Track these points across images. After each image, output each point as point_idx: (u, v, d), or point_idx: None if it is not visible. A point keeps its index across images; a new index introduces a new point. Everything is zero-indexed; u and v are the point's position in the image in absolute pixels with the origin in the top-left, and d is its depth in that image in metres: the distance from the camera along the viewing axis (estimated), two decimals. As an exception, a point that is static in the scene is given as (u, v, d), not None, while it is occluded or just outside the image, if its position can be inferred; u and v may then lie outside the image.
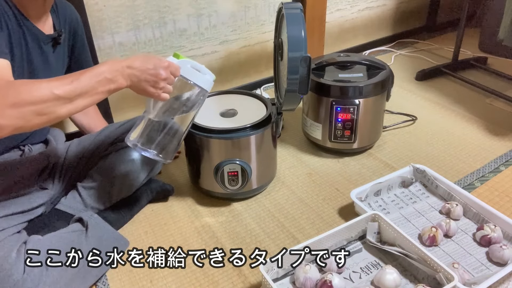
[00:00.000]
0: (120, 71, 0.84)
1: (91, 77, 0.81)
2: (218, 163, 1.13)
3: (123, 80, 0.85)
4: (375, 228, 1.04)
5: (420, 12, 2.40)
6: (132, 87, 0.87)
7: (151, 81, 0.87)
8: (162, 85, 0.88)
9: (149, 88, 0.88)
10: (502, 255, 0.97)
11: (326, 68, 1.40)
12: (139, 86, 0.87)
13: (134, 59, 0.86)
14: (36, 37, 0.96)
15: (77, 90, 0.79)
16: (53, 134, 1.16)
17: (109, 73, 0.83)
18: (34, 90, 0.75)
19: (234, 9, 1.69)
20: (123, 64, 0.84)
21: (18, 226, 0.96)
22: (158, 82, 0.87)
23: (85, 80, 0.80)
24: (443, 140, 1.49)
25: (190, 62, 0.93)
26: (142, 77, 0.86)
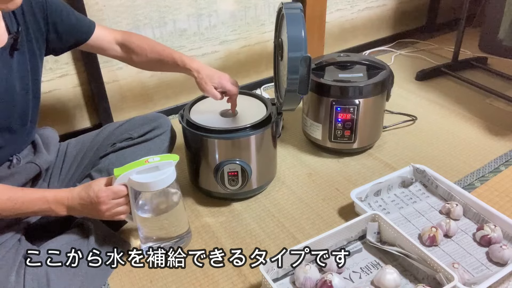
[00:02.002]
0: (64, 204, 0.90)
1: (35, 203, 0.87)
2: (218, 163, 1.13)
3: (64, 212, 0.91)
4: (375, 228, 1.04)
5: (420, 12, 2.40)
6: (76, 215, 0.95)
7: (93, 214, 0.92)
8: (106, 214, 0.91)
9: (95, 217, 0.94)
10: (502, 255, 0.97)
11: (326, 68, 1.40)
12: (82, 215, 0.95)
13: (76, 197, 0.90)
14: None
15: (16, 210, 0.86)
16: (44, 136, 1.08)
17: (53, 203, 0.89)
18: None
19: (234, 9, 1.69)
20: (67, 199, 0.90)
21: (16, 235, 0.93)
22: (100, 214, 0.91)
23: (27, 205, 0.87)
24: (443, 140, 1.49)
25: (132, 171, 0.91)
26: (84, 212, 0.92)
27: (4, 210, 0.85)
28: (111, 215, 0.92)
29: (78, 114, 1.53)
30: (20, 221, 0.96)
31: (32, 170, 0.99)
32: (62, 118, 1.50)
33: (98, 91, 1.49)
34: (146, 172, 0.93)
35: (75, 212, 0.92)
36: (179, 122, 1.18)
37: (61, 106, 1.48)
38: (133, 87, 1.58)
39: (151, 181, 0.92)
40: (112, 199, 0.90)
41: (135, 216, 0.98)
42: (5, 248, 0.88)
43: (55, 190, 0.91)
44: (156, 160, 0.93)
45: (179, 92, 1.69)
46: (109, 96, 1.53)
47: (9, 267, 0.85)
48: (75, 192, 0.90)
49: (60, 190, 0.91)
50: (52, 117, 1.46)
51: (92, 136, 1.15)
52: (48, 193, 0.89)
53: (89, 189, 0.90)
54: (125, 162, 1.08)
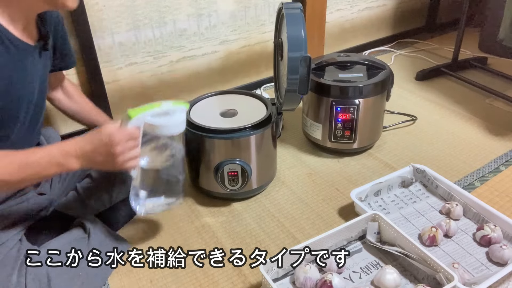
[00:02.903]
0: (73, 155, 0.82)
1: (41, 161, 0.80)
2: (218, 163, 1.13)
3: (75, 164, 0.82)
4: (375, 228, 1.04)
5: (420, 12, 2.40)
6: (88, 167, 0.86)
7: (107, 160, 0.84)
8: (120, 160, 0.84)
9: (108, 166, 0.85)
10: (502, 255, 0.97)
11: (326, 68, 1.40)
12: (95, 166, 0.86)
13: (85, 142, 0.82)
14: (25, 52, 0.86)
15: (25, 174, 0.79)
16: (46, 135, 1.10)
17: (61, 156, 0.81)
18: None
19: (234, 9, 1.69)
20: (75, 147, 0.82)
21: (18, 235, 0.93)
22: (115, 160, 0.83)
23: (34, 164, 0.79)
24: (443, 140, 1.49)
25: (147, 113, 0.86)
26: (96, 159, 0.83)
27: (10, 175, 0.78)
28: (125, 161, 0.84)
29: (78, 114, 1.53)
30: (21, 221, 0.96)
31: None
32: (63, 118, 1.50)
33: (98, 91, 1.49)
34: (159, 116, 0.87)
35: (87, 162, 0.84)
36: (179, 122, 1.17)
37: (61, 106, 1.48)
38: (133, 87, 1.58)
39: (168, 124, 0.87)
40: (126, 141, 0.83)
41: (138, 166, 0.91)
42: (7, 248, 0.88)
43: (59, 143, 0.85)
44: (169, 105, 0.88)
45: (179, 92, 1.69)
46: (109, 96, 1.53)
47: (11, 267, 0.85)
48: (82, 139, 0.83)
49: (65, 141, 0.84)
50: (52, 117, 1.46)
51: None
52: (52, 147, 0.83)
53: (99, 133, 0.83)
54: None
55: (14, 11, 0.81)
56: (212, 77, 1.75)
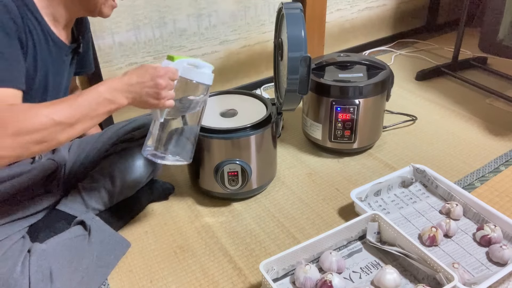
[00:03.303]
0: (119, 89, 0.82)
1: (90, 99, 0.79)
2: (218, 163, 1.13)
3: (123, 99, 0.83)
4: (375, 228, 1.04)
5: (420, 12, 2.40)
6: (134, 103, 0.85)
7: (152, 93, 0.85)
8: (163, 94, 0.86)
9: (152, 100, 0.86)
10: (502, 255, 0.97)
11: (326, 68, 1.40)
12: (141, 101, 0.86)
13: (130, 76, 0.83)
14: (60, 49, 0.94)
15: (77, 114, 0.77)
16: None
17: (108, 93, 0.81)
18: (33, 117, 0.73)
19: (234, 9, 1.69)
20: (121, 82, 0.82)
21: (22, 231, 0.96)
22: (159, 92, 0.85)
23: (84, 103, 0.78)
24: (443, 140, 1.49)
25: (185, 60, 0.91)
26: (143, 92, 0.84)
27: (65, 116, 0.76)
28: (166, 98, 0.86)
29: (78, 114, 1.53)
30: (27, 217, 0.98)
31: (50, 166, 1.03)
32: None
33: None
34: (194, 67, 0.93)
35: (133, 96, 0.84)
36: (179, 122, 1.18)
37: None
38: (133, 87, 1.58)
39: (203, 72, 0.92)
40: (168, 77, 0.86)
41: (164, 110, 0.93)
42: (11, 241, 0.91)
43: (104, 81, 0.84)
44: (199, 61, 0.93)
45: (179, 92, 1.69)
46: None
47: (16, 258, 0.87)
48: (126, 74, 0.84)
49: (110, 79, 0.84)
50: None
51: (96, 136, 1.16)
52: (98, 86, 0.82)
53: (144, 66, 0.85)
54: (127, 163, 1.09)
55: (58, 12, 0.90)
56: (212, 77, 1.75)
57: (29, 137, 0.72)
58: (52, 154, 1.08)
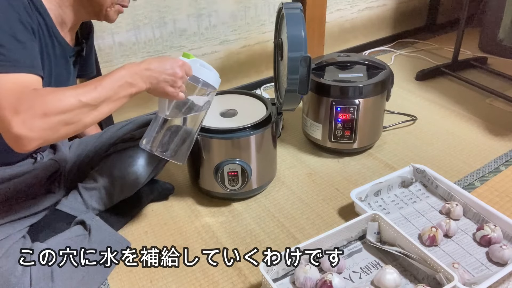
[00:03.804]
0: (139, 74, 0.83)
1: (112, 82, 0.80)
2: (218, 163, 1.13)
3: (143, 83, 0.84)
4: (375, 228, 1.04)
5: (420, 12, 2.40)
6: (151, 89, 0.87)
7: (170, 80, 0.87)
8: (179, 83, 0.88)
9: (168, 88, 0.87)
10: (502, 255, 0.97)
11: (326, 68, 1.40)
12: (158, 87, 0.87)
13: (151, 61, 0.85)
14: (64, 50, 0.95)
15: (102, 96, 0.78)
16: None
17: (129, 76, 0.82)
18: (61, 99, 0.73)
19: (234, 9, 1.69)
20: (141, 67, 0.84)
21: (22, 231, 0.96)
22: (176, 81, 0.87)
23: (107, 85, 0.79)
24: (443, 140, 1.49)
25: (199, 61, 0.94)
26: (161, 78, 0.86)
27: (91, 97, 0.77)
28: (179, 89, 0.89)
29: (78, 114, 1.53)
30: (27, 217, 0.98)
31: (52, 167, 1.04)
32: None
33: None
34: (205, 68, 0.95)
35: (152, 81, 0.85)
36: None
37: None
38: (133, 87, 1.58)
39: (213, 75, 0.94)
40: (185, 70, 0.89)
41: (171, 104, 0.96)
42: (12, 240, 0.91)
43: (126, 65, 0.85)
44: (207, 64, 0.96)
45: (179, 92, 1.69)
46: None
47: (17, 257, 0.87)
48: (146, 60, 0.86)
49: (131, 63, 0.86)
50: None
51: (96, 136, 1.17)
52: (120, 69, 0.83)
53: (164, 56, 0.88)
54: (127, 163, 1.09)
55: (66, 14, 0.92)
56: (212, 77, 1.75)
57: (57, 118, 0.72)
58: (54, 154, 1.08)
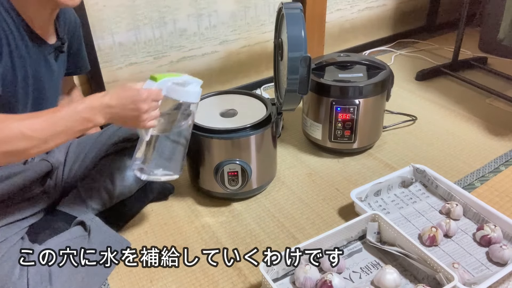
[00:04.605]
0: (98, 109, 0.82)
1: (67, 117, 0.79)
2: (218, 163, 1.13)
3: (102, 118, 0.83)
4: (375, 228, 1.04)
5: (420, 12, 2.40)
6: (112, 122, 0.87)
7: (132, 116, 0.85)
8: (144, 117, 0.86)
9: (132, 122, 0.87)
10: (502, 255, 0.97)
11: (326, 68, 1.40)
12: (119, 121, 0.87)
13: (111, 97, 0.83)
14: (41, 49, 0.91)
15: (50, 130, 0.78)
16: None
17: (86, 112, 0.81)
18: (4, 130, 0.73)
19: (234, 9, 1.69)
20: (102, 102, 0.82)
21: (20, 233, 0.95)
22: (140, 115, 0.85)
23: (60, 120, 0.79)
24: (443, 140, 1.49)
25: (170, 79, 0.90)
26: (123, 113, 0.85)
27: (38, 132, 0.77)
28: (148, 119, 0.87)
29: (78, 114, 1.53)
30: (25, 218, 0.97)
31: (44, 167, 1.02)
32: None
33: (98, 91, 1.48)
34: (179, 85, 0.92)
35: (112, 116, 0.84)
36: (179, 122, 1.18)
37: (61, 106, 1.48)
38: (133, 87, 1.58)
39: (188, 91, 0.92)
40: (152, 100, 0.86)
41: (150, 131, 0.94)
42: (10, 243, 0.90)
43: (84, 98, 0.85)
44: (187, 76, 0.93)
45: (179, 92, 1.69)
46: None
47: (14, 261, 0.87)
48: (107, 94, 0.84)
49: (89, 97, 0.84)
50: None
51: (95, 136, 1.16)
52: (78, 103, 0.82)
53: (126, 88, 0.85)
54: (126, 163, 1.09)
55: (31, 9, 0.85)
56: (212, 77, 1.75)
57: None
58: (46, 154, 1.06)
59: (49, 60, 0.94)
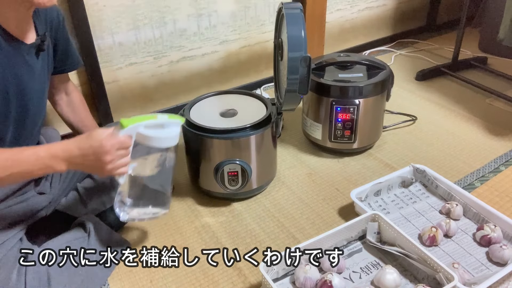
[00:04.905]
0: (60, 158, 0.82)
1: (28, 160, 0.80)
2: (218, 163, 1.13)
3: (64, 167, 0.83)
4: (375, 228, 1.04)
5: (420, 12, 2.40)
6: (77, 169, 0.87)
7: (96, 166, 0.84)
8: (109, 168, 0.84)
9: (97, 171, 0.86)
10: (502, 255, 0.97)
11: (326, 68, 1.40)
12: (84, 170, 0.87)
13: (74, 147, 0.83)
14: (19, 50, 0.86)
15: (8, 170, 0.78)
16: (46, 135, 1.10)
17: (48, 160, 0.81)
18: None
19: (234, 9, 1.69)
20: (64, 151, 0.82)
21: (17, 235, 0.93)
22: (103, 166, 0.84)
23: (21, 162, 0.79)
24: (443, 140, 1.49)
25: (141, 124, 0.86)
26: (86, 164, 0.84)
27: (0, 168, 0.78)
28: (114, 168, 0.85)
29: (78, 114, 1.53)
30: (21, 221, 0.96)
31: None
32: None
33: (98, 91, 1.49)
34: (153, 128, 0.87)
35: (75, 166, 0.84)
36: (179, 122, 1.18)
37: (61, 106, 1.48)
38: (133, 87, 1.58)
39: (161, 137, 0.87)
40: (117, 149, 0.83)
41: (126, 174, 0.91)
42: (7, 247, 0.89)
43: (48, 145, 0.85)
44: (165, 118, 0.89)
45: (179, 92, 1.69)
46: (109, 96, 1.53)
47: (11, 266, 0.86)
48: (71, 143, 0.83)
49: (54, 143, 0.85)
50: (53, 117, 1.46)
51: None
52: (40, 148, 0.82)
53: (90, 138, 0.83)
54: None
55: (4, 9, 0.81)
56: (212, 77, 1.75)
57: None
58: None
59: (28, 60, 0.90)
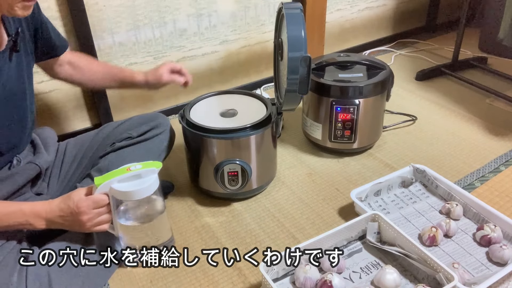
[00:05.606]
0: (42, 217, 0.87)
1: (12, 215, 0.85)
2: (218, 163, 1.13)
3: (44, 225, 0.88)
4: (375, 228, 1.04)
5: (420, 12, 2.40)
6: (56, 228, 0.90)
7: (76, 225, 0.89)
8: (88, 225, 0.89)
9: (78, 229, 0.90)
10: (502, 255, 0.97)
11: (326, 68, 1.40)
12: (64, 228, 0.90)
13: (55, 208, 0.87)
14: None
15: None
16: (41, 135, 1.10)
17: (31, 217, 0.86)
18: None
19: (234, 9, 1.69)
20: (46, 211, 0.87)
21: (17, 237, 0.93)
22: (82, 225, 0.88)
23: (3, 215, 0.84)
24: (443, 140, 1.49)
25: (114, 179, 0.88)
26: (65, 224, 0.89)
27: None
28: (93, 226, 0.89)
29: (78, 114, 1.53)
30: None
31: (32, 170, 0.99)
32: (62, 118, 1.50)
33: (98, 91, 1.49)
34: (128, 180, 0.90)
35: (55, 225, 0.89)
36: (179, 122, 1.18)
37: (62, 106, 1.48)
38: (133, 87, 1.58)
39: (134, 189, 0.89)
40: (93, 208, 0.88)
41: (117, 225, 0.95)
42: (7, 249, 0.88)
43: (32, 203, 0.89)
44: (138, 168, 0.90)
45: (179, 92, 1.69)
46: (109, 96, 1.53)
47: (11, 267, 0.85)
48: (54, 204, 0.88)
49: (38, 203, 0.89)
50: (53, 117, 1.46)
51: (92, 135, 1.15)
52: (25, 205, 0.87)
53: (68, 200, 0.87)
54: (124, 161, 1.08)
55: None
56: (212, 77, 1.75)
57: None
58: (33, 156, 1.04)
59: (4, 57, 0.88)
